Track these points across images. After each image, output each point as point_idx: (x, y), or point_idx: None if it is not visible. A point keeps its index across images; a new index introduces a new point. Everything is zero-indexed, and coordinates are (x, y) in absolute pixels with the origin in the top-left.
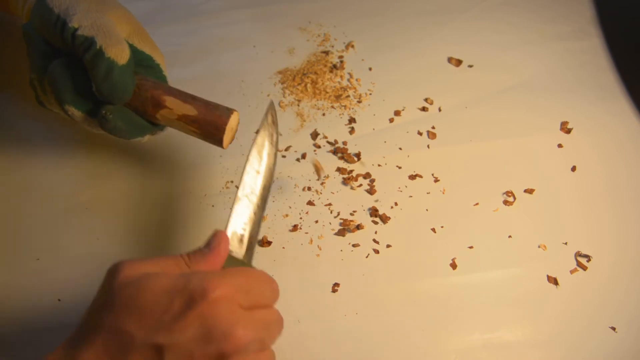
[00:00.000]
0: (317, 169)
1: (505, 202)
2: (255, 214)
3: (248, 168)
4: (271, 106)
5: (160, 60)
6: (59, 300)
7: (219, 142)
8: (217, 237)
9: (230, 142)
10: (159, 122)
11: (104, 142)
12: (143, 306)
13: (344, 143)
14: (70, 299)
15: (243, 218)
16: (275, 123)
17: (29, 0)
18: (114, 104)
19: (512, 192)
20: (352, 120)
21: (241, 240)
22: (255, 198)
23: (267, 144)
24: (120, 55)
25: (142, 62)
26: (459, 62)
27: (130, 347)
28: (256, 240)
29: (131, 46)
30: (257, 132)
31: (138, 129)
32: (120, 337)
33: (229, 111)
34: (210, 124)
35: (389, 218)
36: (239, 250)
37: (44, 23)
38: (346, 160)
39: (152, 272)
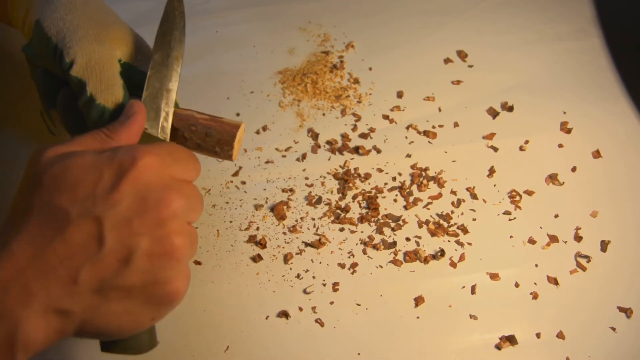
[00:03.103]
0: None
1: (512, 202)
2: (167, 90)
3: (155, 47)
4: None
5: None
6: None
7: (227, 158)
8: (133, 106)
9: (239, 152)
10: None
11: None
12: (73, 181)
13: (344, 143)
14: None
15: (156, 93)
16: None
17: (30, 16)
18: None
19: (517, 191)
20: (352, 120)
21: (155, 118)
22: (166, 70)
23: (172, 13)
24: (111, 100)
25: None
26: (459, 62)
27: (66, 222)
28: (170, 118)
29: (133, 69)
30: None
31: None
32: (53, 214)
33: (233, 131)
34: (215, 147)
35: (388, 216)
36: (153, 128)
37: (43, 52)
38: (345, 160)
39: (75, 150)
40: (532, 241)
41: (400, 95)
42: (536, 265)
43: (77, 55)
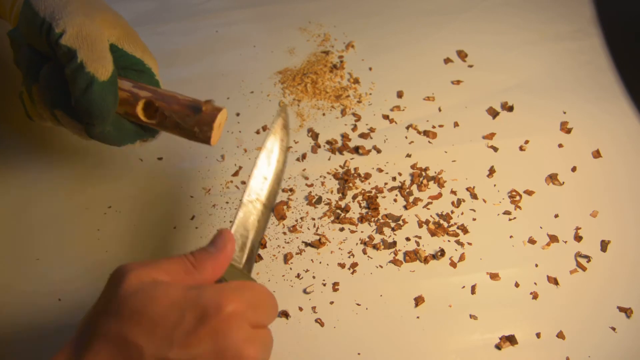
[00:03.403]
0: None
1: (512, 202)
2: (259, 221)
3: (255, 172)
4: (284, 109)
5: (152, 64)
6: (59, 300)
7: (206, 141)
8: (224, 237)
9: (219, 138)
10: (152, 126)
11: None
12: (153, 318)
13: (344, 143)
14: (71, 298)
15: (246, 224)
16: (286, 128)
17: (17, 4)
18: (93, 122)
19: (517, 191)
20: (352, 120)
21: (242, 249)
22: (260, 205)
23: (276, 149)
24: (101, 71)
25: (132, 67)
26: (459, 62)
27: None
28: (257, 249)
29: (120, 51)
30: (267, 135)
31: (128, 135)
32: (128, 349)
33: (214, 113)
34: (194, 127)
35: (388, 216)
36: (239, 259)
37: (30, 28)
38: (345, 160)
39: (160, 279)
40: (532, 241)
41: (400, 95)
42: (536, 265)
43: (67, 26)
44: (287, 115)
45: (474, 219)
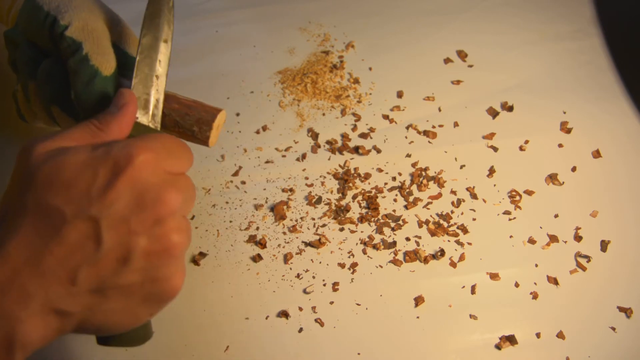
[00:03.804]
0: None
1: (512, 202)
2: (157, 77)
3: (144, 31)
4: None
5: None
6: None
7: (204, 141)
8: (124, 95)
9: (216, 140)
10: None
11: None
12: (67, 180)
13: (344, 143)
14: None
15: (145, 81)
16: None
17: (15, 5)
18: (93, 116)
19: (517, 191)
20: (352, 120)
21: (145, 107)
22: (155, 54)
23: (164, 10)
24: (105, 66)
25: (131, 66)
26: (459, 62)
27: (62, 223)
28: (161, 105)
29: (120, 50)
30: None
31: None
32: (49, 215)
33: (213, 113)
34: (193, 127)
35: (388, 216)
36: (144, 117)
37: (32, 22)
38: (345, 160)
39: (67, 145)
40: (532, 241)
41: (400, 95)
42: (536, 265)
43: (73, 19)
44: None
45: (474, 219)
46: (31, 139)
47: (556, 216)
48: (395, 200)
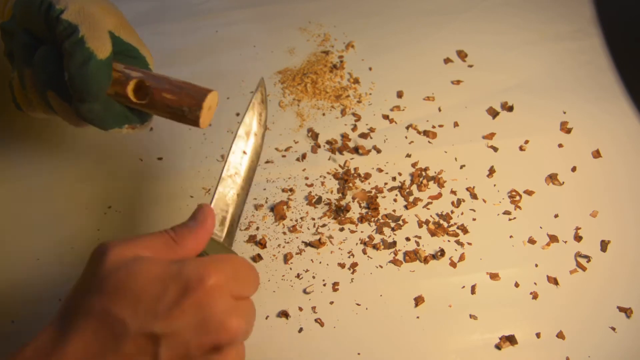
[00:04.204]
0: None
1: (512, 202)
2: (238, 195)
3: (234, 147)
4: (261, 83)
5: (146, 54)
6: (60, 300)
7: (195, 122)
8: (204, 211)
9: (209, 122)
10: (142, 107)
11: (103, 141)
12: (136, 292)
13: (344, 143)
14: None
15: (226, 199)
16: (264, 102)
17: (10, 1)
18: (84, 99)
19: (517, 191)
20: (352, 120)
21: (222, 223)
22: (239, 179)
23: (255, 124)
24: (101, 50)
25: (128, 53)
26: (459, 62)
27: (124, 334)
28: (237, 223)
29: (117, 38)
30: (245, 110)
31: (116, 117)
32: (112, 324)
33: (204, 92)
34: (183, 107)
35: (388, 216)
36: (219, 233)
37: (28, 9)
38: (345, 160)
39: (141, 255)
40: (532, 241)
41: (400, 95)
42: (536, 265)
43: (69, 4)
44: (265, 89)
45: (474, 219)
46: (106, 242)
47: (556, 216)
48: (395, 200)
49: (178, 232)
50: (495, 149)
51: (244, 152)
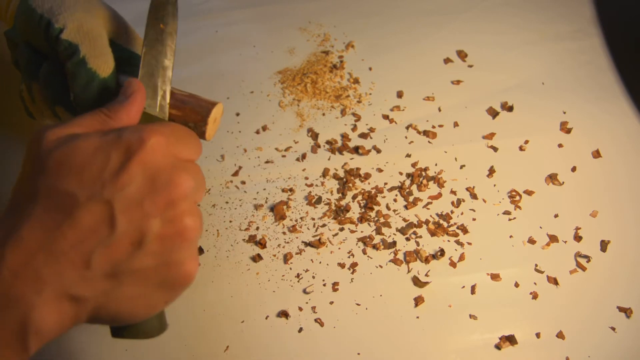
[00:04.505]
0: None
1: (512, 202)
2: (164, 67)
3: (149, 21)
4: None
5: None
6: None
7: (201, 136)
8: (132, 85)
9: (214, 133)
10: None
11: None
12: (79, 165)
13: (344, 143)
14: None
15: (152, 71)
16: None
17: (12, 3)
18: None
19: (517, 191)
20: (352, 120)
21: (153, 97)
22: (161, 46)
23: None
24: (103, 68)
25: (130, 61)
26: (459, 62)
27: (75, 206)
28: (168, 95)
29: (117, 46)
30: None
31: None
32: (61, 199)
33: (208, 107)
34: (189, 123)
35: (389, 216)
36: (152, 107)
37: (28, 25)
38: (345, 162)
39: (78, 132)
40: (532, 241)
41: (400, 95)
42: (536, 265)
43: (67, 22)
44: None
45: (474, 219)
46: (42, 127)
47: (556, 216)
48: (395, 200)
49: (110, 108)
50: (495, 149)
51: (162, 25)
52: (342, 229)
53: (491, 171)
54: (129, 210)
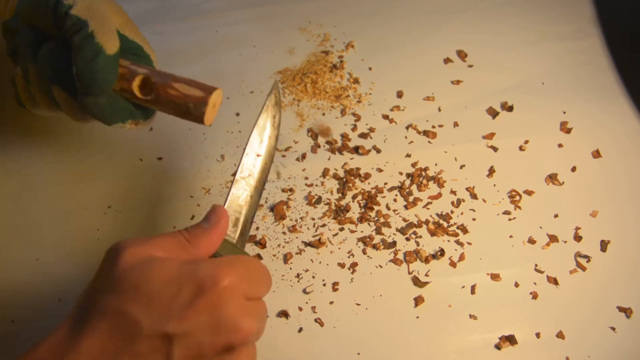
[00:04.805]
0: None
1: (512, 202)
2: (251, 197)
3: (248, 150)
4: (275, 86)
5: (150, 52)
6: (59, 300)
7: (199, 118)
8: (218, 213)
9: (213, 120)
10: (147, 103)
11: (103, 141)
12: (150, 292)
13: (344, 143)
14: (71, 298)
15: (239, 201)
16: (278, 104)
17: (11, 1)
18: (91, 93)
19: (517, 191)
20: (352, 120)
21: (235, 224)
22: (253, 181)
23: (268, 126)
24: (109, 45)
25: (132, 51)
26: (459, 62)
27: (138, 334)
28: (250, 224)
29: (123, 35)
30: (260, 113)
31: (121, 111)
32: (126, 323)
33: (204, 98)
34: (189, 103)
35: (389, 216)
36: (233, 234)
37: (34, 5)
38: (345, 163)
39: (156, 255)
40: (532, 241)
41: (400, 95)
42: (536, 265)
43: (78, 0)
44: (279, 91)
45: (474, 219)
46: (121, 241)
47: (556, 216)
48: (395, 200)
49: (192, 232)
50: (495, 149)
51: (258, 155)
52: (342, 229)
53: (491, 171)
54: (188, 348)
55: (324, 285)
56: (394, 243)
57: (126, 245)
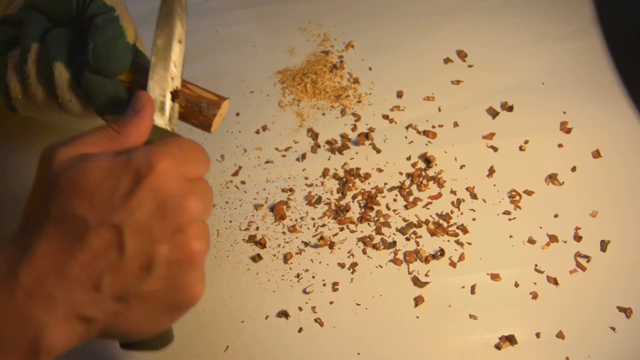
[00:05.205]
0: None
1: (512, 202)
2: (172, 77)
3: (158, 31)
4: None
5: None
6: None
7: (208, 121)
8: (140, 99)
9: (217, 128)
10: None
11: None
12: (89, 188)
13: (344, 143)
14: None
15: (161, 84)
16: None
17: (13, 5)
18: (100, 72)
19: (517, 191)
20: (352, 120)
21: (162, 108)
22: (169, 55)
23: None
24: (129, 33)
25: (136, 54)
26: (459, 62)
27: (85, 230)
28: (177, 108)
29: (135, 46)
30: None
31: (115, 103)
32: (72, 222)
33: (217, 101)
34: (202, 103)
35: (389, 216)
36: (161, 120)
37: None
38: (345, 158)
39: (88, 151)
40: (532, 241)
41: (400, 95)
42: (536, 265)
43: None
44: None
45: (474, 219)
46: (51, 144)
47: (556, 216)
48: (395, 200)
49: (120, 123)
50: (495, 149)
51: (170, 32)
52: (342, 229)
53: (491, 171)
54: (138, 235)
55: (324, 285)
56: (394, 243)
57: (56, 147)
